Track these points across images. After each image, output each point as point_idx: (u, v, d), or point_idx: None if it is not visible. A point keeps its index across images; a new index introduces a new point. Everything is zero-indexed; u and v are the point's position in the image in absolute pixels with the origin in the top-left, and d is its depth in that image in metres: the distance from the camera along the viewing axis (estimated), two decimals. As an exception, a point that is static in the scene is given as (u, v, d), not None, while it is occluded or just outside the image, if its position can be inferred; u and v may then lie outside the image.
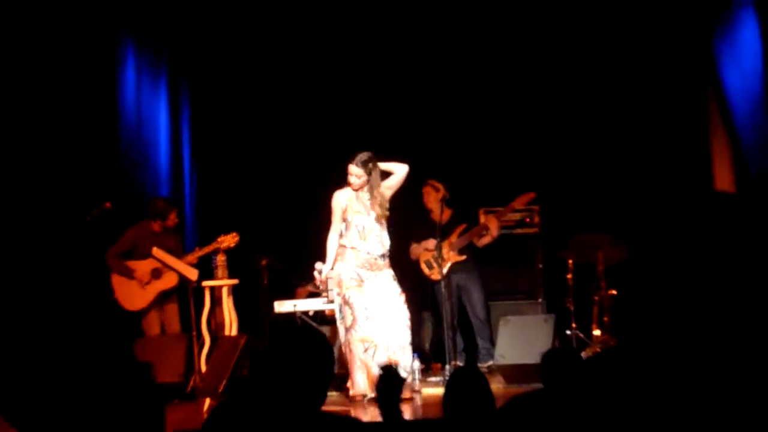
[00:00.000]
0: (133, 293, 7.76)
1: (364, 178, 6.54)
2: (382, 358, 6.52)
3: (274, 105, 9.27)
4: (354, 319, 6.56)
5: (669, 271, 7.21)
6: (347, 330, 6.63)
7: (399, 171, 6.65)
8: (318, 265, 6.73)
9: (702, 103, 8.27)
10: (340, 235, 6.68)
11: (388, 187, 6.62)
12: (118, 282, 7.71)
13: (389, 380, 3.95)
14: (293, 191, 9.11)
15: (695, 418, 3.22)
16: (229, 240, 7.51)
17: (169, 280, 7.68)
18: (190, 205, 9.23)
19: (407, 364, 6.57)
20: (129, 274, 7.71)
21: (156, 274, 7.70)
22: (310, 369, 2.83)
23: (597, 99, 8.70)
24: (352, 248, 6.64)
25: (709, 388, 3.35)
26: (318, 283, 6.89)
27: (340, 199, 6.65)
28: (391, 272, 6.76)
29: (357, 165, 6.46)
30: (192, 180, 9.47)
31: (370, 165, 6.49)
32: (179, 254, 7.75)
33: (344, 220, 6.71)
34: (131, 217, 7.88)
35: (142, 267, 7.68)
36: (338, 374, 6.77)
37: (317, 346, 2.87)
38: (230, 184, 9.32)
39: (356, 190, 6.61)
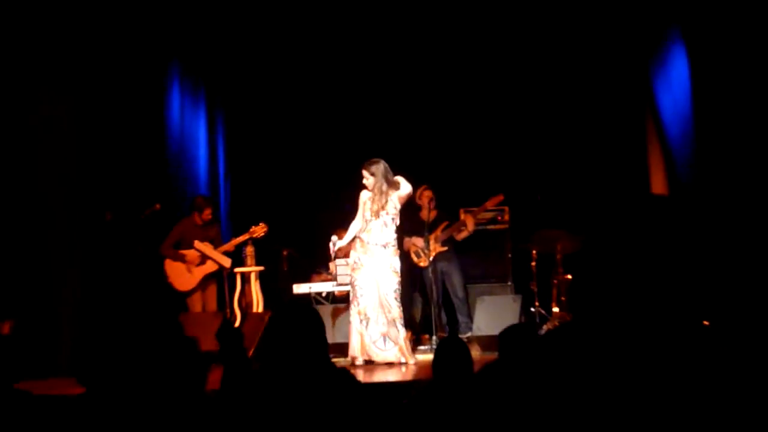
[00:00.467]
0: (183, 276, 8.11)
1: (370, 179, 6.92)
2: (374, 330, 6.91)
3: (293, 125, 9.67)
4: (354, 296, 7.00)
5: (615, 259, 8.00)
6: (350, 304, 7.10)
7: (403, 189, 7.02)
8: (334, 238, 7.18)
9: (641, 122, 8.62)
10: (362, 228, 7.08)
11: (398, 196, 7.01)
12: (170, 268, 8.07)
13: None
14: (309, 195, 9.53)
15: (635, 375, 3.46)
16: (259, 230, 7.88)
17: (212, 265, 8.04)
18: (224, 206, 9.45)
19: (396, 336, 6.90)
20: (182, 259, 8.03)
21: (202, 260, 8.04)
22: (301, 334, 3.06)
23: (556, 118, 9.04)
24: (360, 239, 7.07)
25: (647, 355, 3.66)
26: (331, 252, 7.27)
27: (362, 197, 7.08)
28: (392, 261, 7.02)
29: (364, 168, 6.98)
30: (226, 186, 9.77)
31: (372, 168, 6.93)
32: (219, 243, 8.07)
33: (362, 217, 7.06)
34: (175, 216, 8.23)
35: (191, 254, 8.03)
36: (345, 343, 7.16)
37: (306, 317, 3.11)
38: (257, 189, 9.65)
39: (371, 191, 7.01)
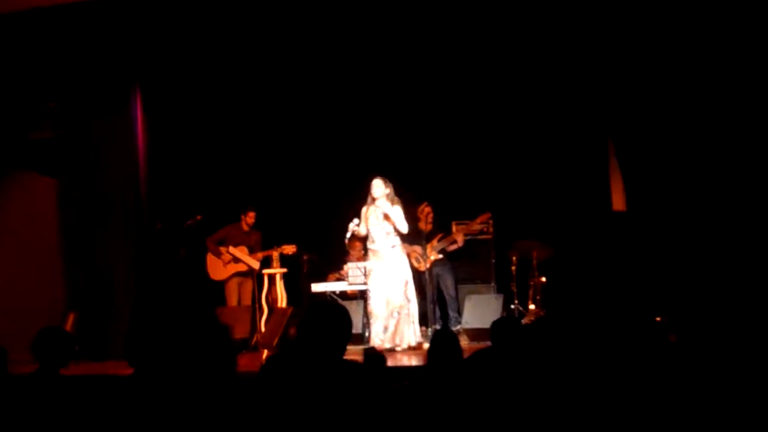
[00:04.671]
0: (218, 268, 8.55)
1: (382, 197, 7.38)
2: (378, 326, 7.30)
3: (310, 164, 9.77)
4: (366, 297, 7.55)
5: (582, 265, 8.24)
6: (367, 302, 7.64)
7: (403, 227, 7.35)
8: (356, 220, 7.46)
9: (605, 155, 8.58)
10: (369, 240, 7.46)
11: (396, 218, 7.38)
12: (210, 260, 8.52)
13: (372, 359, 4.11)
14: (325, 211, 9.49)
15: (596, 358, 3.70)
16: (289, 248, 8.39)
17: (242, 265, 8.46)
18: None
19: (389, 325, 7.20)
20: (218, 254, 8.47)
21: (235, 259, 8.45)
22: (333, 330, 3.06)
23: (537, 151, 9.06)
24: (370, 250, 7.53)
25: (606, 343, 3.99)
26: (348, 231, 7.43)
27: (363, 211, 7.45)
28: (400, 260, 7.33)
29: (384, 182, 7.42)
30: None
31: (389, 187, 7.42)
32: (258, 248, 8.50)
33: (367, 229, 7.48)
34: (213, 227, 8.59)
35: (226, 254, 8.44)
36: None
37: (338, 315, 3.13)
38: (285, 213, 9.62)
39: (377, 206, 7.35)
